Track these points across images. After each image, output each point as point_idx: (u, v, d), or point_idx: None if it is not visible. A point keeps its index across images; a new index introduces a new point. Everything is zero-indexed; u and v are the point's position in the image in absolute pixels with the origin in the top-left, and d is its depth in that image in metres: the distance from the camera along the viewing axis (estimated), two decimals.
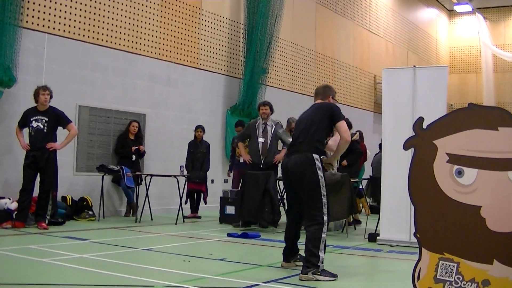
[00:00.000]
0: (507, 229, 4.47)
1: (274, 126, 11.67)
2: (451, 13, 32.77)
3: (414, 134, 4.83)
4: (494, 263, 4.48)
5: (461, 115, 4.78)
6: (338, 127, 6.82)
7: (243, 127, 12.93)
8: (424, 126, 4.80)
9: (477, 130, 4.62)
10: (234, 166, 13.46)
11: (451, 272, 4.59)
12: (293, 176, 6.75)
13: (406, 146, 4.86)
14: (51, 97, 10.36)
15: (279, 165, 11.67)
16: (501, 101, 29.05)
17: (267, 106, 11.75)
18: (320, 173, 6.58)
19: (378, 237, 9.44)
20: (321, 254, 6.33)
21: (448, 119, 4.85)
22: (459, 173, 4.62)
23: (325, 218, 6.48)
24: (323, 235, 6.40)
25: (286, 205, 11.78)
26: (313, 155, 6.63)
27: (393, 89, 9.36)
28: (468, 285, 4.53)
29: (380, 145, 11.70)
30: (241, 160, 12.31)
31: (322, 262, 6.32)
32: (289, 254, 7.03)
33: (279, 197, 11.81)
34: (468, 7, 30.88)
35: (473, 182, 4.58)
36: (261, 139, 11.49)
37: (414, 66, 9.43)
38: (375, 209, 12.43)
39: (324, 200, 6.53)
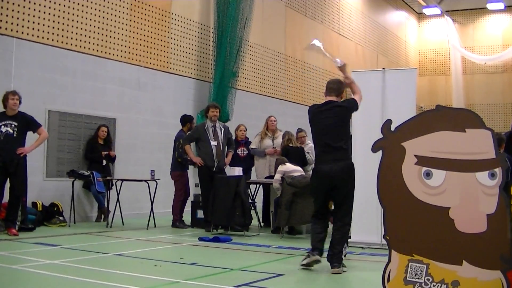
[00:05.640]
0: (475, 230, 4.52)
1: (222, 129, 11.68)
2: (420, 16, 33.04)
3: (382, 136, 4.86)
4: (463, 264, 4.53)
5: (429, 117, 4.82)
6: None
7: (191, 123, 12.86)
8: (393, 128, 4.83)
9: (445, 132, 4.67)
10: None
11: (420, 273, 4.63)
12: (339, 183, 7.04)
13: (374, 148, 4.89)
14: (20, 102, 10.26)
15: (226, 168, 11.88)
16: (471, 103, 29.33)
17: (218, 109, 11.76)
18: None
19: (349, 239, 9.46)
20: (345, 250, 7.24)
21: (416, 121, 4.89)
22: (428, 174, 4.65)
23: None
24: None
25: (256, 209, 11.89)
26: (352, 162, 7.24)
27: (363, 92, 9.38)
28: (438, 286, 4.57)
29: None
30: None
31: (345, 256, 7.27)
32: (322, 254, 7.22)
33: (250, 201, 11.80)
34: (437, 10, 31.16)
35: (441, 184, 4.62)
36: (213, 142, 11.46)
37: (384, 68, 9.49)
38: None
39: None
